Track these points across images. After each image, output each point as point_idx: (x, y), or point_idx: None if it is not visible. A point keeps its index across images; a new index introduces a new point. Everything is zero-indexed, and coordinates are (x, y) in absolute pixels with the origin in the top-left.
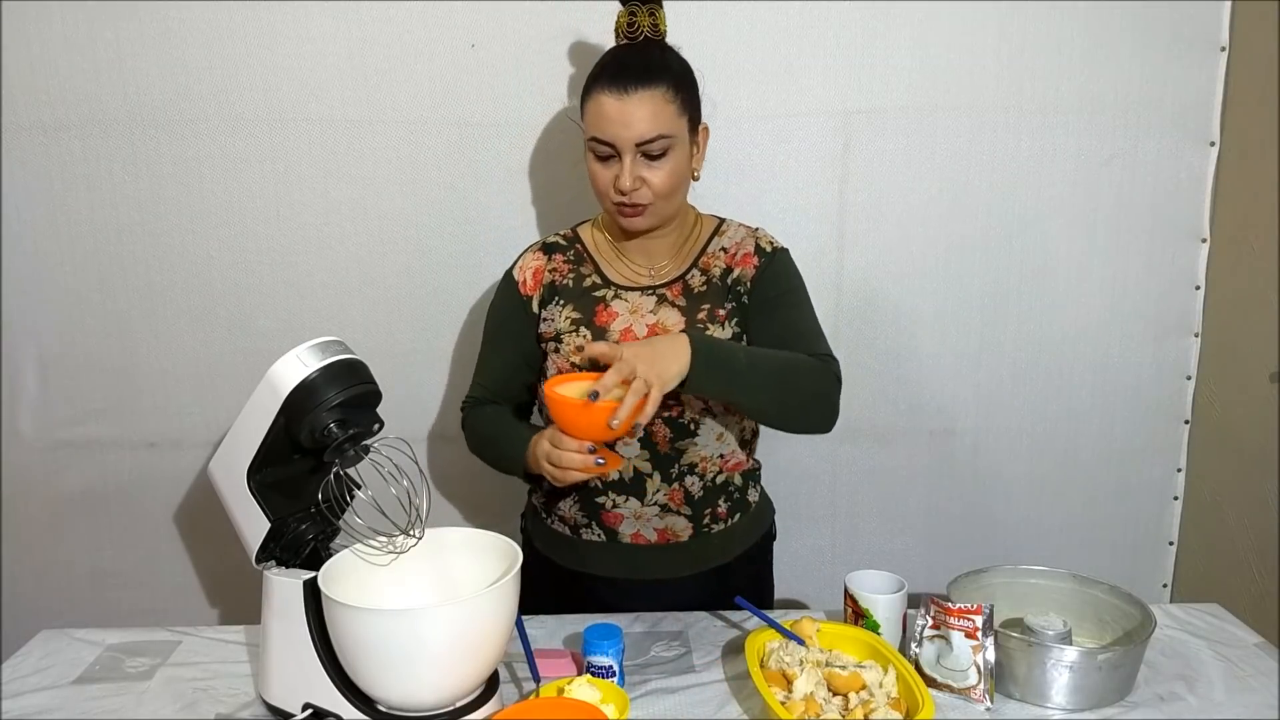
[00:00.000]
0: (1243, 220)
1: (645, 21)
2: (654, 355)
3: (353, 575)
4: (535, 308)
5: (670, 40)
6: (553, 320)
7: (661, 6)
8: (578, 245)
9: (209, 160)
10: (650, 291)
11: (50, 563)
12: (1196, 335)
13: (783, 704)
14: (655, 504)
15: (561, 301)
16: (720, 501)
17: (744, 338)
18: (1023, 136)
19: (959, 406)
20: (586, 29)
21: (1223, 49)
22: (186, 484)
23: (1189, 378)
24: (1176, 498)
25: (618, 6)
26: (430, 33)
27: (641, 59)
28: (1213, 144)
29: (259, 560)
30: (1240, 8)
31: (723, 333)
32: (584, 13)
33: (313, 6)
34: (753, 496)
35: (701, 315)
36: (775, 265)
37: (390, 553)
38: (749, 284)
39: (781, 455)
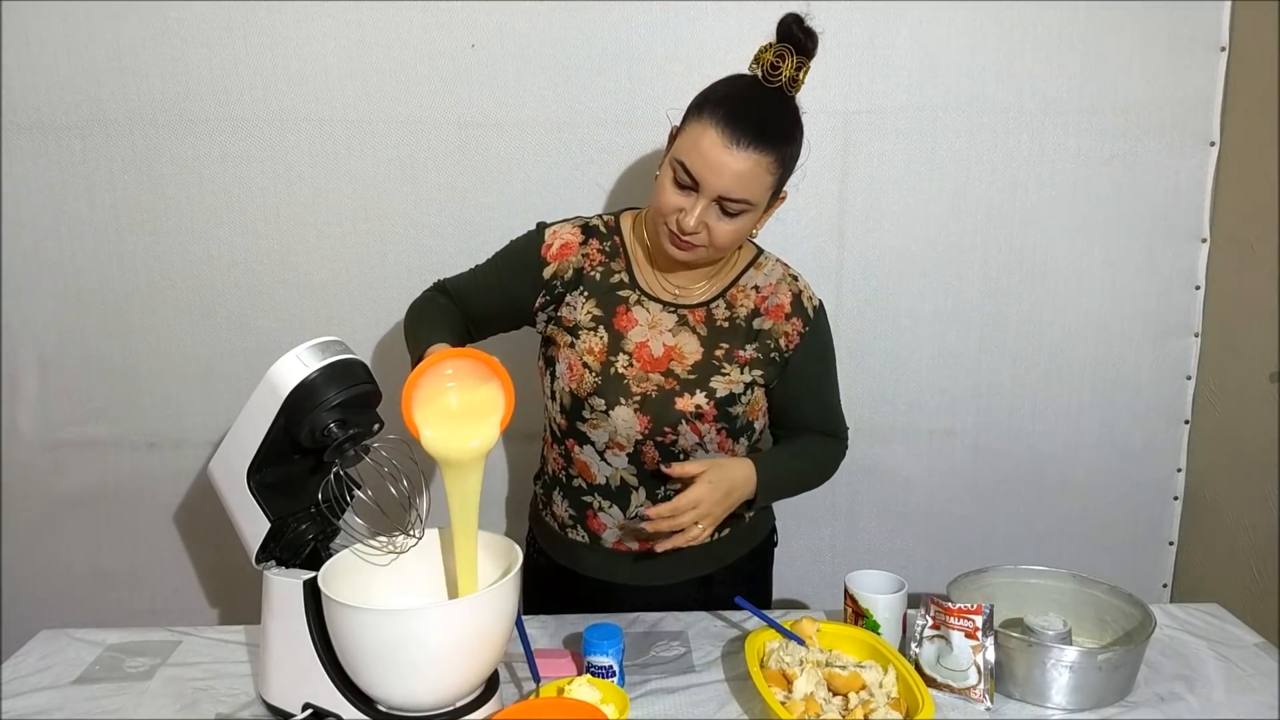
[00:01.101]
0: (1243, 220)
1: (789, 72)
2: (725, 501)
3: (353, 575)
4: (548, 274)
5: (669, 41)
6: (574, 309)
7: (810, 63)
8: (615, 237)
9: (209, 160)
10: (673, 309)
11: (50, 563)
12: (1196, 335)
13: (783, 704)
14: (638, 516)
15: (585, 292)
16: None
17: (758, 387)
18: (1023, 136)
19: (959, 406)
20: (587, 29)
21: (1223, 49)
22: (186, 484)
23: (1189, 378)
24: (1176, 498)
25: (616, 6)
26: (430, 33)
27: (769, 115)
28: (1213, 144)
29: (259, 560)
30: (1240, 8)
31: (741, 376)
32: (584, 13)
33: (313, 6)
34: (747, 512)
35: (719, 353)
36: (818, 333)
37: (390, 553)
38: (790, 349)
39: None
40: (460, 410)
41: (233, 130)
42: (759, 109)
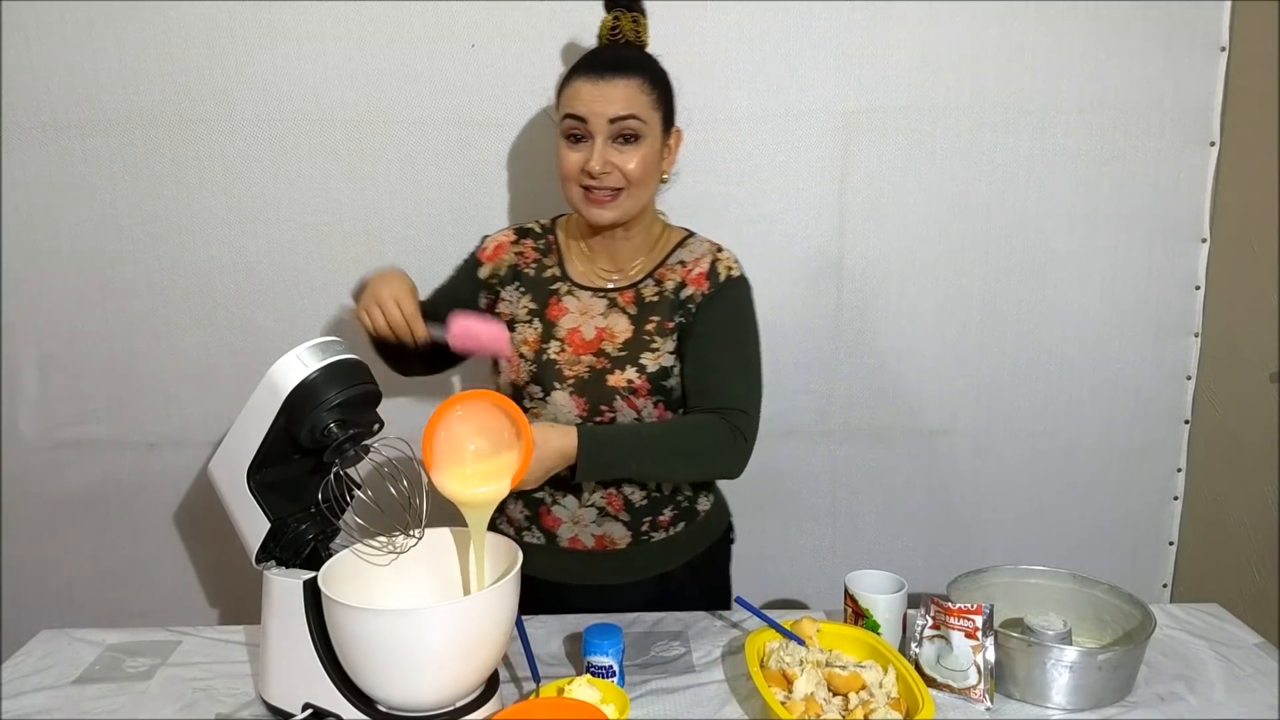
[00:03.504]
0: (1243, 220)
1: (628, 27)
2: (545, 474)
3: (353, 575)
4: (484, 274)
5: (670, 41)
6: (511, 303)
7: (645, 16)
8: (550, 236)
9: (209, 160)
10: (602, 294)
11: (50, 563)
12: (1196, 335)
13: (783, 704)
14: (592, 506)
15: (521, 288)
16: (665, 510)
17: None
18: (1023, 136)
19: (959, 406)
20: (586, 29)
21: (1223, 49)
22: (186, 484)
23: (1189, 378)
24: (1176, 498)
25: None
26: (430, 33)
27: (621, 54)
28: (1213, 144)
29: (259, 560)
30: (1240, 8)
31: (666, 345)
32: (584, 13)
33: (313, 6)
34: (703, 505)
35: (650, 326)
36: (726, 298)
37: (390, 553)
38: (695, 307)
39: (782, 455)
40: (474, 456)
41: (233, 130)
42: (611, 53)
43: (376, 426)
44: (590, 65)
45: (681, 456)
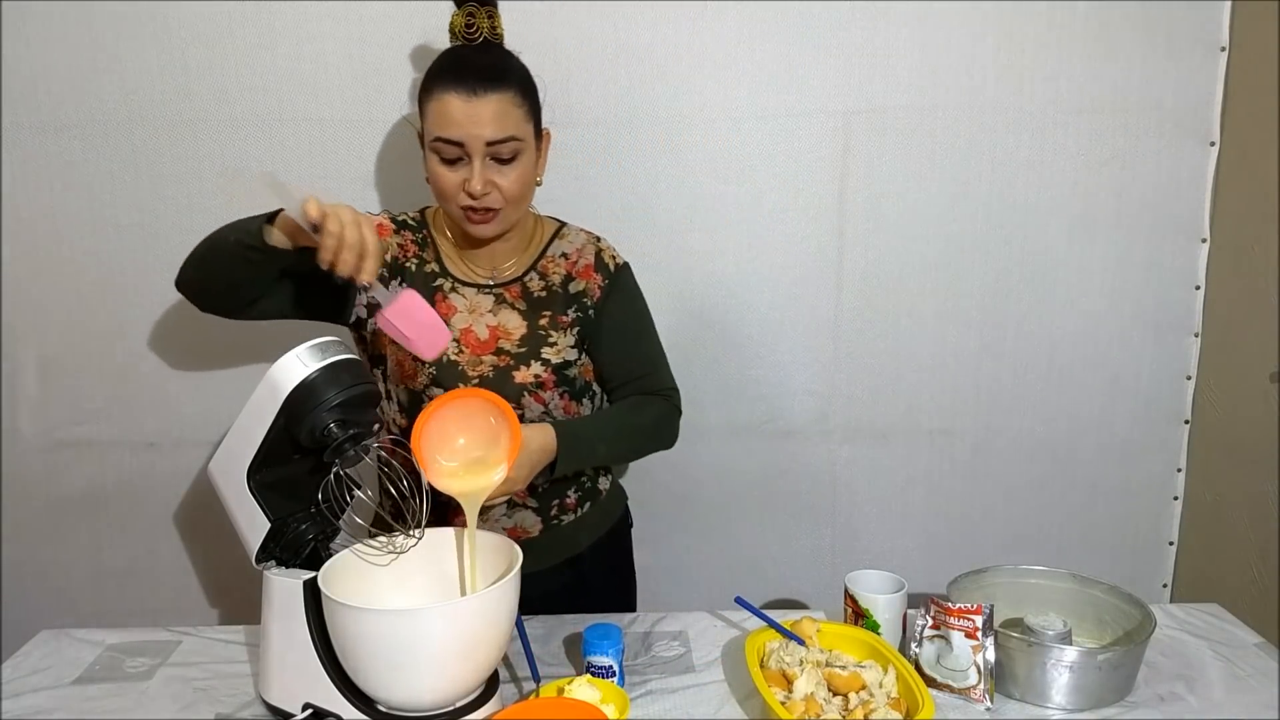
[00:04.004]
0: (1243, 220)
1: (484, 24)
2: (524, 467)
3: (353, 575)
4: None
5: (670, 41)
6: None
7: (498, 9)
8: (425, 230)
9: (209, 160)
10: (488, 291)
11: (50, 563)
12: (1196, 335)
13: (783, 704)
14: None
15: (404, 284)
16: (569, 492)
17: (584, 348)
18: (1023, 136)
19: (959, 406)
20: (587, 29)
21: (1223, 49)
22: (186, 484)
23: (1189, 378)
24: (1176, 498)
25: (618, 8)
26: (430, 33)
27: (487, 60)
28: (1213, 144)
29: (259, 560)
30: (1240, 8)
31: (565, 339)
32: (584, 13)
33: (312, 6)
34: (603, 485)
35: (544, 322)
36: (621, 288)
37: (390, 553)
38: (594, 302)
39: (782, 455)
40: (464, 450)
41: (232, 130)
42: (477, 59)
43: (376, 426)
44: (458, 78)
45: (638, 436)
